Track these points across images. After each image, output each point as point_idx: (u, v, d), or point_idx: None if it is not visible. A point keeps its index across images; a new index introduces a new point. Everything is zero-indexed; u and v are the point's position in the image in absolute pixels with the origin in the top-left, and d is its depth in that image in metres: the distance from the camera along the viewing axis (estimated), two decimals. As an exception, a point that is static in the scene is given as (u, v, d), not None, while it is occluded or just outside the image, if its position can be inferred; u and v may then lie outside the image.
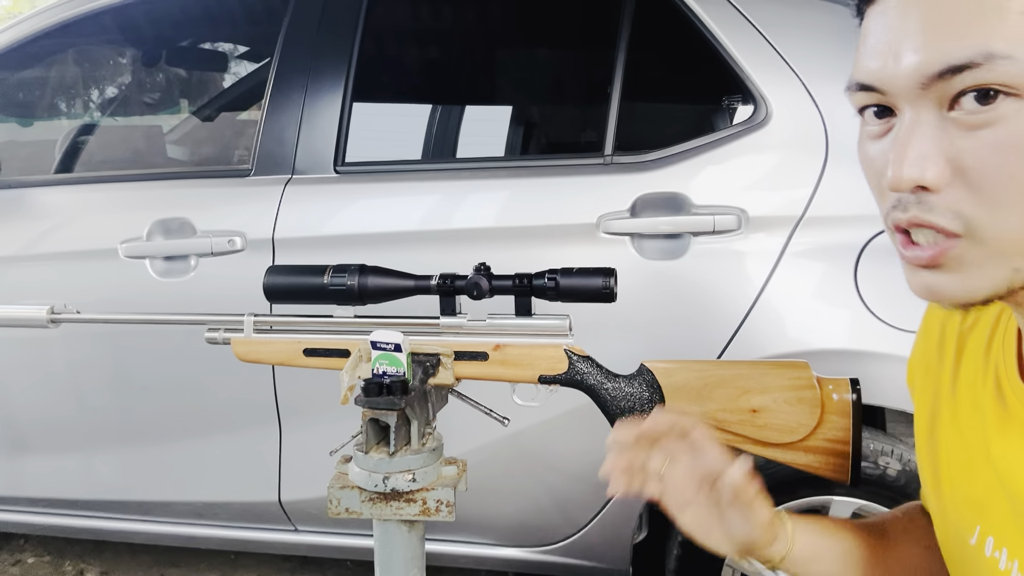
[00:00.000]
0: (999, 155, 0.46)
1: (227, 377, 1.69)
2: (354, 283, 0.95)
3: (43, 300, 1.10)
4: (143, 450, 1.81)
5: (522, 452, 1.60)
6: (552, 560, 1.68)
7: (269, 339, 1.01)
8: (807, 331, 1.42)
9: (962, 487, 0.65)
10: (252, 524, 1.83)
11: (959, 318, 0.67)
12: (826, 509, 1.47)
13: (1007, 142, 0.46)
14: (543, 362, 0.96)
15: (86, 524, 1.92)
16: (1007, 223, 0.47)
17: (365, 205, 1.65)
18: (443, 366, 0.96)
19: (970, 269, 0.49)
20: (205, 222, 1.68)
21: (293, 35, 1.72)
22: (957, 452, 0.65)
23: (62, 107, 2.53)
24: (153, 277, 1.69)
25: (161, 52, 2.39)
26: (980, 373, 0.62)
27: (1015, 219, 0.47)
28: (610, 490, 0.73)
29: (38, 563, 2.23)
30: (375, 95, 2.04)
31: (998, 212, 0.47)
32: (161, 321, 1.10)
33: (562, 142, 2.37)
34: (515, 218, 1.55)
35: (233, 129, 2.59)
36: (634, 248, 1.49)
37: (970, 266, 0.49)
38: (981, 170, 0.47)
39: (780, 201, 1.44)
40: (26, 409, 1.86)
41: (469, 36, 2.15)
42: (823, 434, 0.90)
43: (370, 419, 0.94)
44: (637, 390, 0.94)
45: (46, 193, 1.84)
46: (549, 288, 0.93)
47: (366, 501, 0.94)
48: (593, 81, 2.05)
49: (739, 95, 1.57)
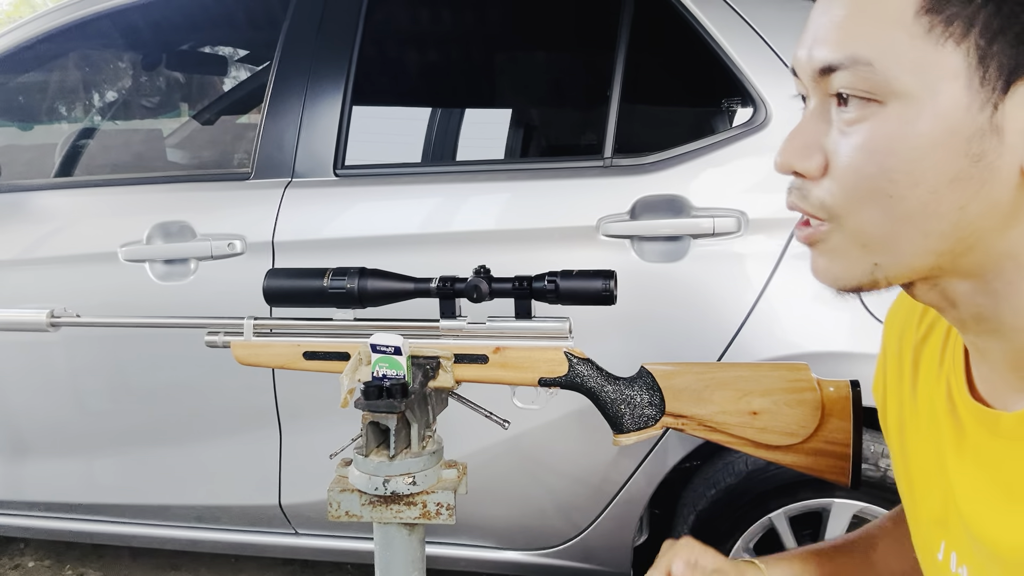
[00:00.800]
0: (859, 156, 0.49)
1: (227, 380, 1.69)
2: (354, 286, 0.95)
3: (43, 304, 1.11)
4: (143, 453, 1.81)
5: (522, 455, 1.59)
6: (553, 563, 1.67)
7: (269, 342, 1.01)
8: (807, 333, 1.42)
9: (926, 501, 0.65)
10: (252, 528, 1.82)
11: (913, 330, 0.66)
12: (827, 512, 1.47)
13: (866, 145, 0.48)
14: (543, 365, 0.96)
15: (86, 528, 1.92)
16: (864, 218, 0.50)
17: (365, 208, 1.65)
18: (443, 369, 0.96)
19: (836, 255, 0.52)
20: (205, 225, 1.68)
21: (293, 39, 1.73)
22: (923, 465, 0.65)
23: (62, 111, 2.54)
24: (153, 280, 1.69)
25: (161, 56, 2.39)
26: (935, 387, 0.62)
27: (871, 216, 0.49)
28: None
29: (38, 567, 2.22)
30: (375, 98, 2.04)
31: (858, 208, 0.50)
32: (161, 324, 1.10)
33: (562, 145, 2.37)
34: (515, 221, 1.55)
35: (233, 133, 2.60)
36: (634, 250, 1.49)
37: (835, 252, 0.52)
38: (845, 167, 0.50)
39: (780, 203, 1.42)
40: (26, 413, 1.86)
41: (468, 39, 2.15)
42: (823, 436, 0.90)
43: (370, 422, 0.94)
44: (637, 393, 0.94)
45: (46, 197, 1.84)
46: (549, 291, 0.93)
47: (366, 504, 0.94)
48: (593, 84, 2.05)
49: (738, 97, 1.57)
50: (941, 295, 0.53)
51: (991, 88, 0.45)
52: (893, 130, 0.47)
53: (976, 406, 0.56)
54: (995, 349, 0.54)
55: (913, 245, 0.49)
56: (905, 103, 0.47)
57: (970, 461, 0.57)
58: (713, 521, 1.51)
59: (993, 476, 0.54)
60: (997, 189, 0.47)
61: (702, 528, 1.52)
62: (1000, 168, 0.46)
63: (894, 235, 0.49)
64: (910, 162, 0.47)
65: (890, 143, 0.48)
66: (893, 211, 0.49)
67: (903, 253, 0.50)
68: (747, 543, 1.52)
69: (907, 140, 0.47)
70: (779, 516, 1.48)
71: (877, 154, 0.48)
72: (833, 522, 1.47)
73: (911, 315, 0.68)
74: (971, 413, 0.57)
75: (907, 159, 0.47)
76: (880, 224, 0.50)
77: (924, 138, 0.47)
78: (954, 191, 0.47)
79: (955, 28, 0.46)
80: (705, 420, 0.92)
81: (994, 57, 0.45)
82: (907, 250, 0.50)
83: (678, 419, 0.94)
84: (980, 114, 0.46)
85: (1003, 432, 0.53)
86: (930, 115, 0.46)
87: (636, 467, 1.54)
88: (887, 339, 0.73)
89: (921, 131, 0.47)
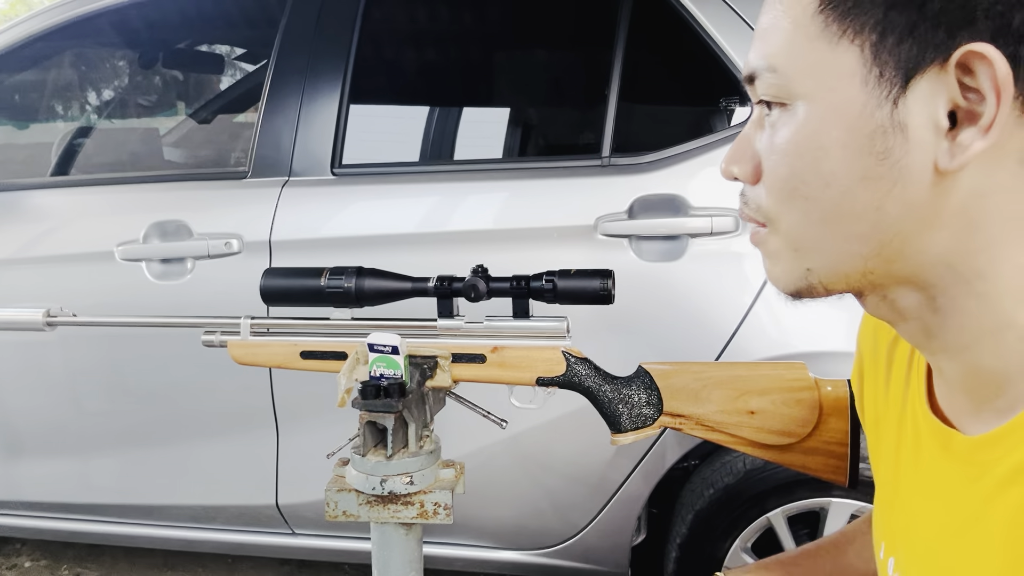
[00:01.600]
0: (775, 158, 0.50)
1: (224, 380, 1.68)
2: (351, 285, 0.95)
3: (39, 303, 1.10)
4: (140, 453, 1.81)
5: (520, 454, 1.59)
6: (550, 563, 1.67)
7: (266, 342, 1.01)
8: (805, 333, 1.42)
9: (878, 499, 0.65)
10: (250, 528, 1.82)
11: (885, 329, 0.66)
12: (824, 511, 1.47)
13: (778, 147, 0.50)
14: (541, 364, 0.96)
15: (83, 528, 1.92)
16: (790, 219, 0.51)
17: (362, 207, 1.65)
18: (440, 368, 0.96)
19: (774, 259, 0.54)
20: (202, 224, 1.67)
21: (290, 37, 1.72)
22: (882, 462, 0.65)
23: (59, 109, 2.53)
24: (149, 280, 1.68)
25: (158, 54, 2.39)
26: (902, 391, 0.62)
27: (795, 219, 0.50)
28: None
29: (35, 567, 2.22)
30: (372, 97, 2.04)
31: (783, 209, 0.51)
32: (158, 324, 1.10)
33: (560, 144, 2.37)
34: (513, 220, 1.55)
35: (230, 131, 2.59)
36: (632, 250, 1.48)
37: (774, 256, 0.54)
38: (767, 171, 0.51)
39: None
40: (22, 412, 1.85)
41: (466, 38, 2.14)
42: (821, 436, 0.90)
43: (367, 422, 0.93)
44: (635, 392, 0.94)
45: (42, 196, 1.83)
46: (547, 290, 0.92)
47: (363, 504, 0.94)
48: (591, 83, 2.05)
49: (736, 96, 1.57)
50: (891, 308, 0.53)
51: (889, 85, 0.45)
52: (800, 131, 0.48)
53: (932, 420, 0.55)
54: (948, 368, 0.53)
55: (837, 248, 0.50)
56: (808, 105, 0.48)
57: (923, 472, 0.56)
58: (711, 520, 1.51)
59: (939, 493, 0.53)
60: (912, 188, 0.46)
61: (700, 528, 1.52)
62: (910, 166, 0.46)
63: (818, 238, 0.50)
64: (815, 162, 0.48)
65: (796, 144, 0.49)
66: (811, 213, 0.49)
67: (830, 257, 0.50)
68: (745, 543, 1.52)
69: (810, 140, 0.48)
70: (777, 516, 1.49)
71: (788, 156, 0.49)
72: (831, 521, 1.47)
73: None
74: (928, 426, 0.56)
75: (813, 159, 0.48)
76: (803, 226, 0.50)
77: (825, 137, 0.47)
78: (866, 191, 0.47)
79: (848, 25, 0.46)
80: (703, 419, 0.92)
81: (890, 53, 0.45)
82: (832, 254, 0.50)
83: (676, 418, 0.94)
84: (879, 111, 0.45)
85: (955, 453, 0.52)
86: (829, 115, 0.47)
87: (634, 467, 1.54)
88: (862, 336, 0.73)
89: (822, 131, 0.47)
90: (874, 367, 0.69)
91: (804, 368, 0.92)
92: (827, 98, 0.47)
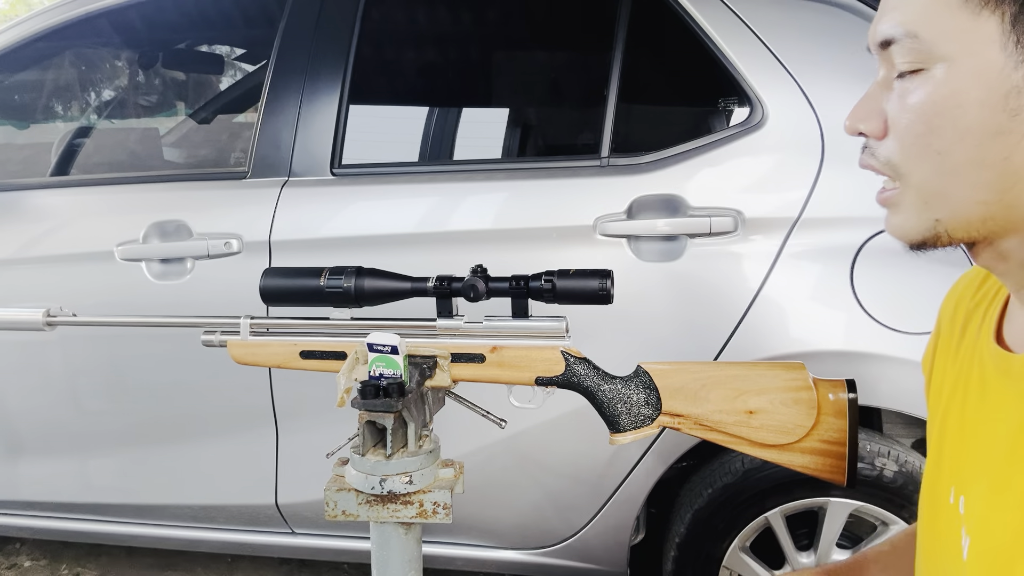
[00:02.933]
0: (910, 116, 0.56)
1: (223, 380, 1.69)
2: (351, 285, 0.95)
3: (39, 303, 1.10)
4: (140, 453, 1.81)
5: (519, 454, 1.60)
6: (550, 562, 1.68)
7: (265, 341, 1.01)
8: (803, 332, 1.42)
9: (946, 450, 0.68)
10: (249, 527, 1.82)
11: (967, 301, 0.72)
12: (823, 511, 1.47)
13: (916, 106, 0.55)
14: (540, 364, 0.96)
15: (82, 528, 1.92)
16: (922, 173, 0.56)
17: (362, 207, 1.65)
18: (440, 368, 0.96)
19: (901, 210, 0.59)
20: (201, 225, 1.68)
21: (290, 37, 1.72)
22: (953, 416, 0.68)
23: (59, 110, 2.53)
24: (149, 280, 1.68)
25: (158, 55, 2.39)
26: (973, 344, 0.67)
27: (928, 171, 0.56)
28: None
29: (34, 567, 2.22)
30: (372, 97, 2.04)
31: (916, 163, 0.56)
32: (157, 324, 1.10)
33: (559, 144, 2.37)
34: (512, 220, 1.55)
35: (229, 132, 2.59)
36: (631, 250, 1.49)
37: (901, 208, 0.59)
38: (901, 127, 0.57)
39: (776, 203, 1.44)
40: (22, 412, 1.86)
41: (466, 38, 2.15)
42: (819, 435, 0.90)
43: (367, 421, 0.94)
44: (634, 392, 0.95)
45: (42, 196, 1.84)
46: (546, 290, 0.93)
47: (363, 504, 0.94)
48: (589, 83, 2.05)
49: (735, 97, 1.57)
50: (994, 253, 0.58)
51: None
52: (938, 91, 0.54)
53: (996, 349, 0.61)
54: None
55: (965, 196, 0.55)
56: (948, 67, 0.53)
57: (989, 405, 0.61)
58: (710, 520, 1.51)
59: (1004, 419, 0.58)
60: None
61: (699, 527, 1.52)
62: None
63: (948, 188, 0.55)
64: (954, 119, 0.53)
65: (936, 103, 0.54)
66: (944, 165, 0.55)
67: (958, 205, 0.56)
68: (744, 542, 1.53)
69: (950, 99, 0.53)
70: (775, 515, 1.49)
71: (926, 114, 0.55)
72: (829, 521, 1.47)
73: (967, 289, 0.73)
74: (993, 358, 0.61)
75: (951, 116, 0.53)
76: (935, 177, 0.56)
77: (965, 96, 0.53)
78: (997, 143, 0.53)
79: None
80: (702, 419, 0.93)
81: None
82: (961, 202, 0.55)
83: (675, 418, 0.94)
84: (1015, 73, 0.51)
85: (1015, 375, 0.58)
86: (969, 76, 0.53)
87: (633, 466, 1.54)
88: (942, 313, 0.77)
89: (962, 90, 0.53)
90: (948, 339, 0.73)
91: (803, 368, 0.92)
92: (968, 61, 0.52)
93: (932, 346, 0.78)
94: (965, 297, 0.73)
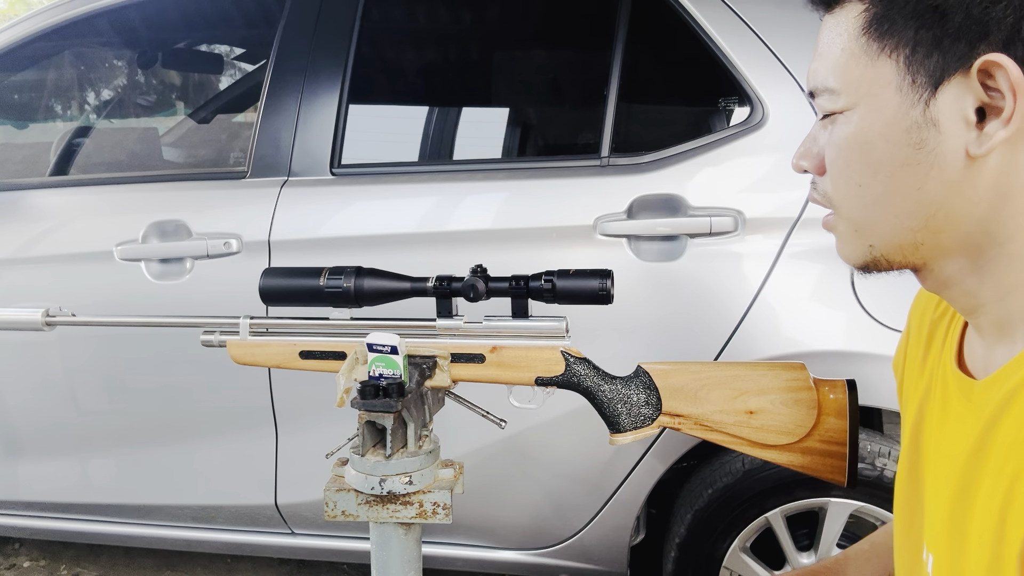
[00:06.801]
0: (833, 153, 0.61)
1: (223, 380, 1.68)
2: (350, 285, 0.95)
3: (38, 303, 1.10)
4: (139, 453, 1.81)
5: (519, 454, 1.59)
6: (550, 563, 1.67)
7: (265, 342, 1.01)
8: (804, 332, 1.42)
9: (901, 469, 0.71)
10: (249, 528, 1.82)
11: (931, 310, 0.75)
12: (823, 511, 1.47)
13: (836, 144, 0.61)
14: (540, 364, 0.96)
15: (82, 528, 1.92)
16: (850, 204, 0.62)
17: (361, 207, 1.65)
18: (439, 368, 0.96)
19: (839, 237, 0.65)
20: (201, 224, 1.67)
21: (289, 37, 1.72)
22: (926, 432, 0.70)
23: (58, 109, 2.53)
24: (149, 280, 1.68)
25: (157, 54, 2.39)
26: (937, 362, 0.70)
27: (854, 202, 0.61)
28: None
29: (33, 567, 2.22)
30: (371, 97, 2.04)
31: (843, 196, 0.62)
32: (157, 324, 1.10)
33: (559, 144, 2.37)
34: (512, 220, 1.55)
35: (229, 131, 2.59)
36: (631, 250, 1.49)
37: (839, 235, 0.65)
38: (828, 164, 0.62)
39: (777, 203, 1.44)
40: (21, 412, 1.85)
41: (465, 38, 2.15)
42: (820, 435, 0.90)
43: (366, 422, 0.93)
44: (634, 392, 0.94)
45: (41, 195, 1.83)
46: (546, 290, 0.92)
47: (363, 504, 0.94)
48: (590, 83, 2.05)
49: (735, 97, 1.57)
50: (938, 278, 0.62)
51: (921, 89, 0.55)
52: (850, 130, 0.59)
53: (958, 374, 0.65)
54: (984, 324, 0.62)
55: (890, 224, 0.60)
56: (856, 109, 0.59)
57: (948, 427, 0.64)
58: (710, 520, 1.51)
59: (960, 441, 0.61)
60: (947, 170, 0.56)
61: (699, 527, 1.52)
62: (944, 153, 0.56)
63: (873, 218, 0.60)
64: (864, 154, 0.59)
65: (848, 140, 0.60)
66: (865, 197, 0.60)
67: (885, 233, 0.60)
68: (744, 542, 1.52)
69: (859, 136, 0.59)
70: (776, 515, 1.49)
71: (843, 150, 0.60)
72: (830, 521, 1.47)
73: (932, 299, 0.76)
74: (955, 381, 0.65)
75: (862, 152, 0.59)
76: (860, 208, 0.61)
77: (870, 133, 0.58)
78: (907, 175, 0.57)
79: (886, 43, 0.56)
80: (702, 419, 0.92)
81: (920, 64, 0.55)
82: (887, 230, 0.60)
83: (675, 418, 0.94)
84: (913, 110, 0.56)
85: (972, 399, 0.61)
86: (873, 115, 0.58)
87: (633, 466, 1.54)
88: (911, 317, 0.80)
89: (867, 128, 0.58)
90: (917, 344, 0.76)
91: (803, 368, 0.92)
92: (871, 102, 0.58)
93: (903, 349, 0.80)
94: (930, 306, 0.76)
